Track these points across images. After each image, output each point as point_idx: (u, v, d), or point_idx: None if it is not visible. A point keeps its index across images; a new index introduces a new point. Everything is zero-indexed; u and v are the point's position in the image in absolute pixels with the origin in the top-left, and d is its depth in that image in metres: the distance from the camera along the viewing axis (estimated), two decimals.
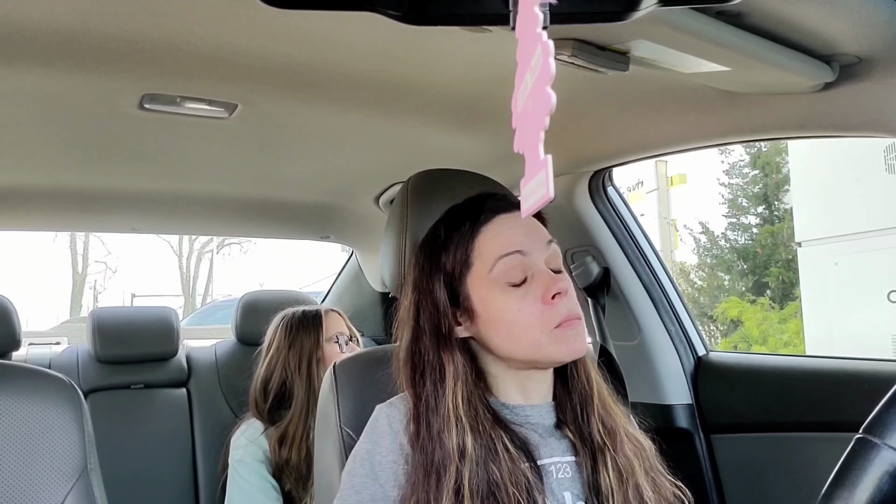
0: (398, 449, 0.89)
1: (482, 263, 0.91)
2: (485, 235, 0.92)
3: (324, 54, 1.19)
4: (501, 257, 0.89)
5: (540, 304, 0.88)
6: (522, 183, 0.45)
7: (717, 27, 0.95)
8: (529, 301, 0.88)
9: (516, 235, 0.91)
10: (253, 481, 1.68)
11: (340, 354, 1.75)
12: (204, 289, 20.51)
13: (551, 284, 0.88)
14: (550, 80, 0.40)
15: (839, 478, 0.66)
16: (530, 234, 0.92)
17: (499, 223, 0.92)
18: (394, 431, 0.91)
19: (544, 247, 0.92)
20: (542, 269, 0.90)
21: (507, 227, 0.92)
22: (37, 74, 1.22)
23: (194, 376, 2.20)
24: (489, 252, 0.90)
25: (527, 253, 0.90)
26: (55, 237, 18.38)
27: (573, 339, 0.88)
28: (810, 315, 5.62)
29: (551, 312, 0.88)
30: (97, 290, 19.58)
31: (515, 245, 0.90)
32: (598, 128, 1.54)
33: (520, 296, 0.89)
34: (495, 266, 0.89)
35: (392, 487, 0.87)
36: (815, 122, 1.26)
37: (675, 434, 1.66)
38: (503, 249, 0.90)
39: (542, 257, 0.91)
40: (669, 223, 10.80)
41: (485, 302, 0.90)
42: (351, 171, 2.00)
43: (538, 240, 0.92)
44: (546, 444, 0.92)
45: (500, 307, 0.89)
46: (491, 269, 0.90)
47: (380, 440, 0.91)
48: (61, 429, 0.98)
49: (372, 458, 0.90)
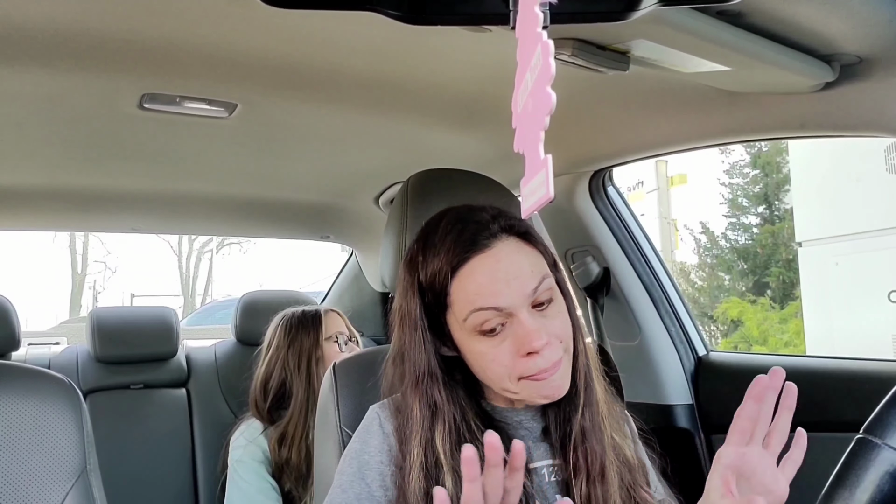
0: (387, 450, 0.89)
1: (458, 309, 0.85)
2: (459, 280, 0.85)
3: (324, 54, 1.19)
4: (475, 311, 0.83)
5: (514, 356, 0.83)
6: (522, 182, 0.45)
7: (718, 27, 0.95)
8: (503, 352, 0.84)
9: (492, 284, 0.83)
10: (252, 481, 1.67)
11: (339, 354, 1.75)
12: (203, 289, 20.52)
13: (525, 343, 0.82)
14: (550, 79, 0.40)
15: (840, 478, 0.65)
16: (511, 279, 0.83)
17: (473, 267, 0.84)
18: (384, 433, 0.90)
19: (527, 294, 0.83)
20: (521, 319, 0.83)
21: (483, 271, 0.84)
22: (36, 74, 1.21)
23: (194, 376, 2.20)
24: (461, 302, 0.84)
25: (503, 307, 0.83)
26: (54, 237, 18.36)
27: (544, 387, 0.85)
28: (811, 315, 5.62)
29: (524, 365, 0.83)
30: (97, 290, 19.59)
31: (490, 299, 0.83)
32: (599, 127, 1.54)
33: (493, 345, 0.84)
34: (469, 317, 0.84)
35: (378, 487, 0.87)
36: (815, 122, 1.26)
37: (676, 434, 1.66)
38: (476, 303, 0.83)
39: (523, 304, 0.83)
40: (670, 223, 10.79)
41: (461, 343, 0.88)
42: (351, 171, 2.00)
43: (519, 287, 0.83)
44: (536, 447, 0.92)
45: (474, 352, 0.86)
46: (465, 318, 0.84)
47: (369, 440, 0.91)
48: (61, 429, 0.97)
49: (360, 458, 0.90)
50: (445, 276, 0.85)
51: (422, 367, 0.88)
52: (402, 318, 0.91)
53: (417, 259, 0.90)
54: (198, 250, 20.41)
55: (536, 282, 0.84)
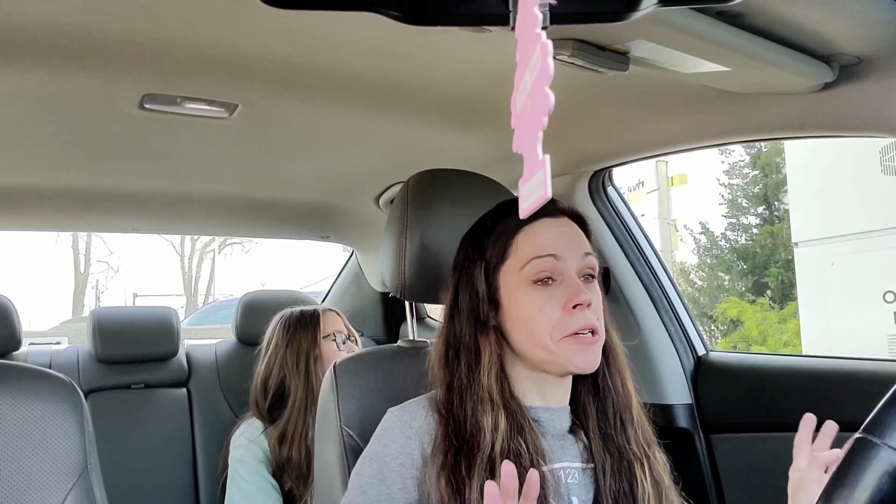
0: (408, 454, 0.90)
1: (517, 259, 0.93)
2: (525, 234, 0.93)
3: (324, 54, 1.19)
4: (535, 258, 0.91)
5: (560, 310, 0.90)
6: (521, 183, 0.45)
7: (717, 27, 0.95)
8: (552, 304, 0.90)
9: (555, 240, 0.93)
10: (253, 481, 1.68)
11: (338, 353, 1.76)
12: (206, 289, 20.51)
13: (574, 294, 0.90)
14: (549, 80, 0.40)
15: (839, 478, 0.65)
16: (570, 241, 0.94)
17: (541, 224, 0.94)
18: (405, 436, 0.91)
19: (580, 256, 0.93)
20: (572, 276, 0.91)
21: (549, 229, 0.94)
22: (37, 74, 1.22)
23: (194, 376, 2.20)
24: (525, 250, 0.92)
25: (560, 258, 0.92)
26: (57, 237, 18.34)
27: (583, 353, 0.90)
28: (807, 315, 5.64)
29: (568, 321, 0.89)
30: (99, 289, 19.57)
31: (551, 249, 0.92)
32: (598, 128, 1.54)
33: (544, 297, 0.91)
34: (528, 264, 0.91)
35: (398, 490, 0.88)
36: (814, 123, 1.26)
37: (675, 434, 1.66)
38: (539, 251, 0.91)
39: (574, 265, 0.92)
40: (669, 223, 10.78)
41: (511, 295, 0.93)
42: (351, 171, 2.00)
43: (576, 248, 0.94)
44: (557, 448, 0.93)
45: (523, 303, 0.91)
46: (523, 266, 0.92)
47: (390, 443, 0.91)
48: (61, 429, 0.98)
49: (381, 460, 0.90)
50: (515, 225, 0.94)
51: (483, 314, 0.93)
52: (461, 277, 0.96)
53: (486, 221, 0.98)
54: (200, 250, 20.41)
55: (589, 251, 0.95)
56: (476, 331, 0.93)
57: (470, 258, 0.96)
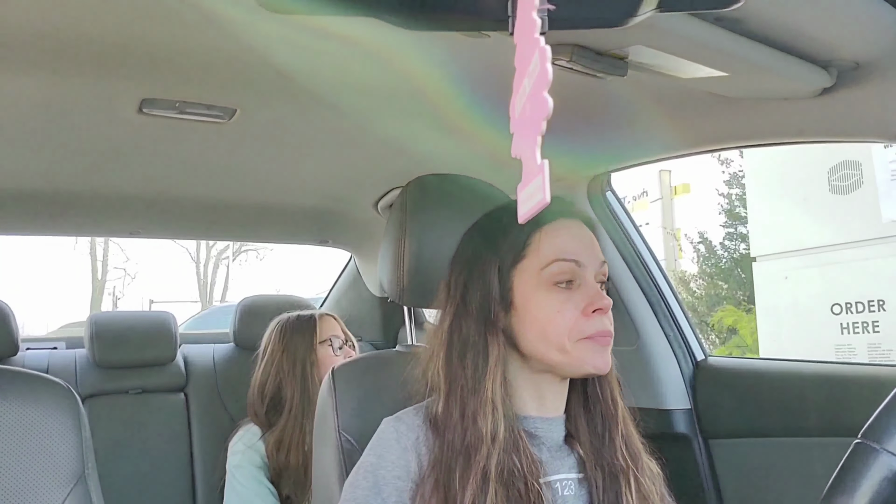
0: (404, 466, 0.88)
1: (536, 259, 0.91)
2: (544, 233, 0.92)
3: (322, 59, 1.19)
4: (558, 260, 0.91)
5: (579, 313, 0.90)
6: (519, 187, 0.45)
7: (715, 33, 0.95)
8: (570, 307, 0.90)
9: (576, 244, 0.93)
10: (251, 487, 1.67)
11: (334, 357, 1.76)
12: (221, 295, 20.49)
13: (595, 299, 0.90)
14: (548, 85, 0.40)
15: (838, 483, 0.65)
16: (589, 247, 0.94)
17: (560, 225, 0.93)
18: (401, 447, 0.90)
19: (598, 263, 0.94)
20: (591, 282, 0.92)
21: (569, 232, 0.94)
22: (36, 79, 1.22)
23: (192, 381, 2.20)
24: (547, 251, 0.91)
25: (582, 265, 0.92)
26: (76, 243, 18.29)
27: (598, 354, 0.90)
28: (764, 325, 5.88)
29: (587, 324, 0.90)
30: (116, 295, 19.57)
31: (574, 254, 0.92)
32: (596, 133, 1.54)
33: (563, 299, 0.90)
34: (550, 266, 0.91)
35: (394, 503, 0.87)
36: (813, 128, 1.26)
37: (674, 439, 1.65)
38: (562, 254, 0.91)
39: (592, 272, 0.93)
40: (671, 232, 10.77)
41: (526, 296, 0.91)
42: (350, 176, 2.00)
43: (594, 255, 0.94)
44: (553, 460, 0.93)
45: (541, 304, 0.90)
46: (544, 267, 0.91)
47: (385, 454, 0.90)
48: (59, 434, 0.97)
49: (376, 472, 0.89)
50: (530, 227, 0.92)
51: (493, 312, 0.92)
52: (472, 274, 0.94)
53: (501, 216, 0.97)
54: (215, 257, 20.43)
55: (604, 259, 0.96)
56: (486, 331, 0.91)
57: (481, 256, 0.94)
